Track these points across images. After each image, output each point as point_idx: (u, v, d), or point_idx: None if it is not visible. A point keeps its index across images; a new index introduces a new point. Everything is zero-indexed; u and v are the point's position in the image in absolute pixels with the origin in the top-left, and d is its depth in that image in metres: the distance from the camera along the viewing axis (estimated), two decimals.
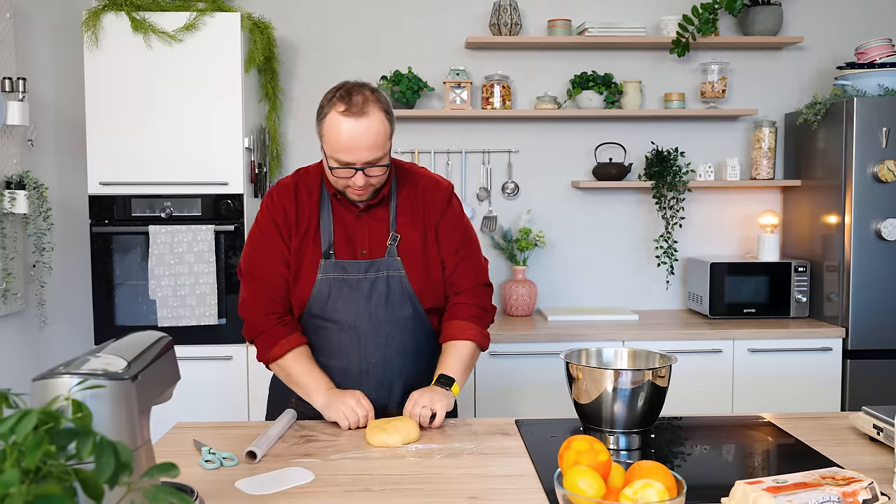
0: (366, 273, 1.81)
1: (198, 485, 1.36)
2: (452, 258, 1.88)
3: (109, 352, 1.10)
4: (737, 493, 1.21)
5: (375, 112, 1.71)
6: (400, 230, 1.85)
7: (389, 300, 1.81)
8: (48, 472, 0.77)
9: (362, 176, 1.73)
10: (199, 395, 2.93)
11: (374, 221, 1.84)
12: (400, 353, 1.84)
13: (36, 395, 0.98)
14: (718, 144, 3.62)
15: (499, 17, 3.39)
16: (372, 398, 1.80)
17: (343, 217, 1.84)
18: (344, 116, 1.69)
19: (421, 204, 1.88)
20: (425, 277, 1.85)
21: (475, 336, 1.86)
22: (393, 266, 1.82)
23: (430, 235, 1.87)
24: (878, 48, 3.22)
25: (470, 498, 1.34)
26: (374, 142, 1.70)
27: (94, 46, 2.94)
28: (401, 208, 1.86)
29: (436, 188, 1.91)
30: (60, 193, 3.07)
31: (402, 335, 1.83)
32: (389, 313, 1.82)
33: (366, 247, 1.83)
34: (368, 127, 1.69)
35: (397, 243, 1.83)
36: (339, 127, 1.70)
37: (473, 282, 1.90)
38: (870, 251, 3.08)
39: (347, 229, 1.84)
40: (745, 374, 3.09)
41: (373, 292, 1.81)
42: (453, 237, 1.89)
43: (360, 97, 1.71)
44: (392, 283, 1.82)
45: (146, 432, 1.07)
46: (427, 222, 1.87)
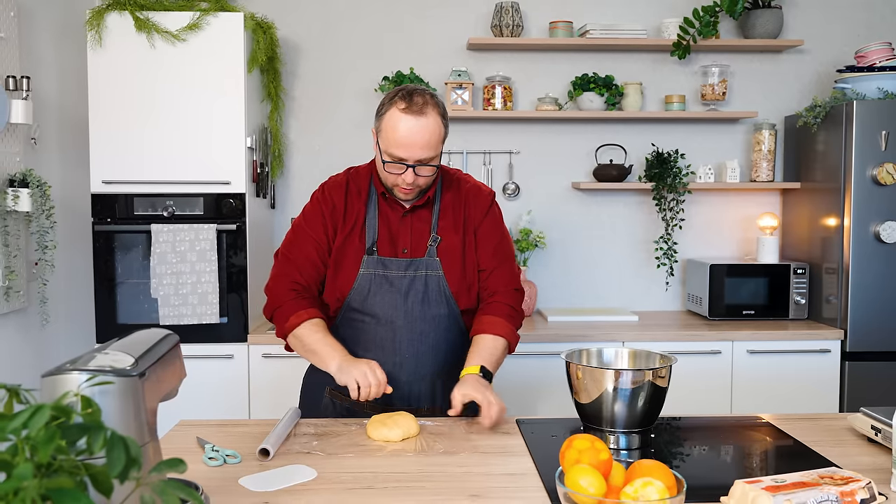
0: (405, 271, 1.87)
1: (202, 481, 1.38)
2: (490, 261, 1.93)
3: (116, 348, 1.11)
4: (736, 492, 1.23)
5: (433, 114, 1.79)
6: (441, 232, 1.91)
7: (426, 298, 1.87)
8: (59, 466, 0.78)
9: (412, 174, 1.79)
10: (200, 394, 2.94)
11: (418, 222, 1.91)
12: (433, 350, 1.89)
13: (45, 392, 0.99)
14: (718, 147, 3.64)
15: (500, 18, 3.40)
16: (403, 393, 1.86)
17: (388, 216, 1.90)
18: (404, 113, 1.76)
19: (463, 208, 1.94)
20: (462, 279, 1.90)
21: (508, 333, 1.90)
22: (432, 266, 1.87)
23: (470, 238, 1.93)
24: (877, 52, 3.24)
25: (472, 496, 1.35)
26: (429, 141, 1.78)
27: (98, 45, 2.95)
28: (443, 212, 1.92)
29: (478, 194, 1.98)
30: (63, 192, 3.09)
31: (436, 333, 1.88)
32: (425, 311, 1.87)
33: (407, 246, 1.89)
34: (426, 126, 1.77)
35: (437, 245, 1.89)
36: (397, 123, 1.77)
37: (508, 286, 1.95)
38: (868, 254, 3.10)
39: (391, 228, 1.90)
40: (744, 375, 3.11)
41: (411, 290, 1.86)
42: (491, 241, 1.95)
43: (421, 98, 1.78)
44: (430, 283, 1.87)
45: (153, 428, 1.08)
46: (468, 226, 1.93)
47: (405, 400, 1.88)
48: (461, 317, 1.92)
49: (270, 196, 3.44)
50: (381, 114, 1.82)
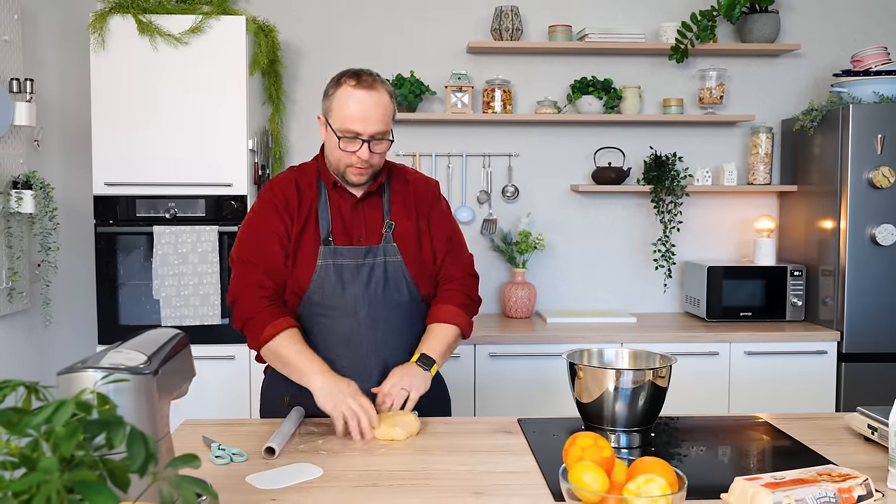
0: (364, 258, 1.86)
1: (209, 479, 1.40)
2: (443, 247, 1.96)
3: (129, 347, 1.13)
4: (736, 488, 1.25)
5: (384, 90, 1.83)
6: (394, 218, 1.92)
7: (387, 285, 1.87)
8: (80, 461, 0.80)
9: (367, 149, 1.80)
10: (202, 394, 2.95)
11: (370, 210, 1.91)
12: (400, 338, 1.89)
13: (61, 389, 1.01)
14: (716, 150, 3.67)
15: (500, 22, 3.43)
16: (372, 382, 1.84)
17: (340, 206, 1.90)
18: (356, 89, 1.80)
19: (413, 195, 1.97)
20: (420, 264, 1.92)
21: (461, 322, 1.93)
22: (390, 252, 1.88)
23: (423, 224, 1.95)
24: (873, 56, 3.27)
25: (476, 493, 1.38)
26: (384, 114, 1.80)
27: (101, 48, 2.97)
28: (394, 198, 1.94)
29: (426, 182, 2.03)
30: (66, 193, 3.10)
31: (398, 319, 1.88)
32: (388, 298, 1.87)
33: (362, 234, 1.89)
34: (379, 100, 1.80)
35: (392, 230, 1.90)
36: (349, 98, 1.79)
37: (462, 271, 1.99)
38: (864, 256, 3.13)
39: (344, 218, 1.89)
40: (742, 376, 3.13)
41: (371, 277, 1.86)
42: (444, 228, 1.98)
43: (369, 77, 1.83)
44: (389, 269, 1.87)
45: (166, 425, 1.10)
46: (419, 212, 1.95)
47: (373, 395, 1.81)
48: (422, 302, 1.93)
49: None
50: (330, 95, 1.84)
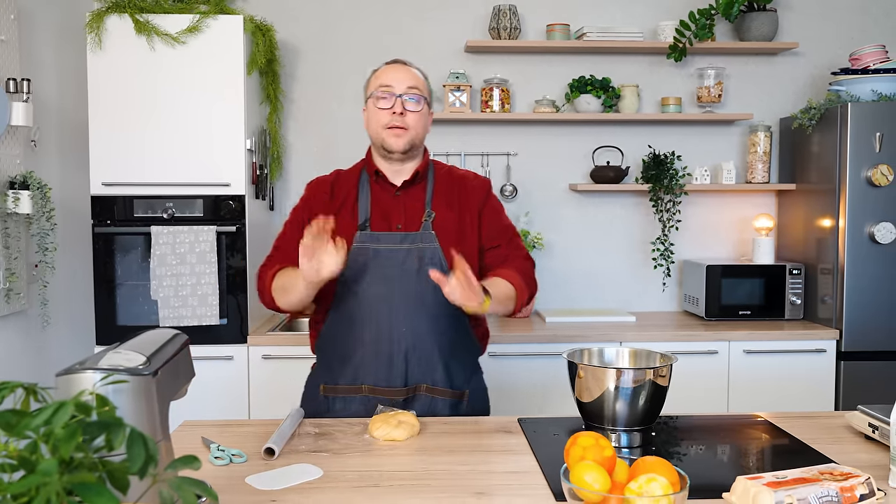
0: (400, 244, 1.89)
1: (209, 480, 1.39)
2: (499, 236, 1.99)
3: (128, 348, 1.12)
4: (738, 488, 1.25)
5: (416, 68, 2.01)
6: (435, 208, 1.94)
7: (422, 269, 1.86)
8: (79, 463, 0.80)
9: (401, 104, 1.90)
10: (200, 395, 2.93)
11: (410, 201, 1.95)
12: (431, 323, 1.88)
13: (60, 390, 1.00)
14: (714, 148, 3.67)
15: (498, 21, 3.42)
16: (402, 369, 1.87)
17: (380, 196, 1.96)
18: (389, 64, 1.99)
19: (458, 189, 1.99)
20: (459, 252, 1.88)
21: (518, 285, 1.90)
22: (427, 238, 1.90)
23: (468, 217, 1.96)
24: (871, 54, 3.27)
25: (477, 493, 1.37)
26: (415, 78, 1.95)
27: (98, 48, 2.96)
28: (436, 190, 1.97)
29: (475, 178, 2.06)
30: (63, 194, 3.09)
31: (432, 305, 1.87)
32: (421, 282, 1.86)
33: (401, 222, 1.92)
34: (408, 69, 1.98)
35: (432, 220, 1.92)
36: (382, 69, 1.98)
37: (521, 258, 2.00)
38: (863, 254, 3.13)
39: (384, 207, 1.94)
40: (741, 375, 3.13)
41: (406, 262, 1.88)
42: (498, 221, 2.01)
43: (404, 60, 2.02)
44: (425, 254, 1.88)
45: (165, 427, 1.10)
46: (465, 205, 1.97)
47: (404, 378, 1.87)
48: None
49: (269, 198, 3.45)
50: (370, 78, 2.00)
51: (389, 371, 1.87)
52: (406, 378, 1.88)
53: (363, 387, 1.89)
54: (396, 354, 1.87)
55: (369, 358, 1.88)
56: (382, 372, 1.88)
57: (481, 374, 2.08)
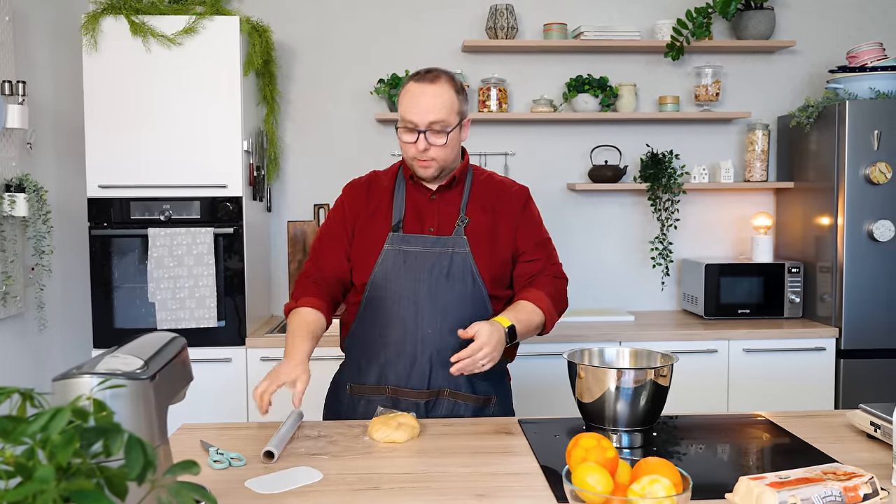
0: (431, 247, 1.88)
1: (208, 484, 1.38)
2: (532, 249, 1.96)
3: (125, 352, 1.11)
4: (741, 488, 1.24)
5: (445, 84, 1.86)
6: (470, 214, 1.93)
7: (451, 274, 1.86)
8: (77, 469, 0.79)
9: (423, 140, 1.83)
10: (198, 398, 2.91)
11: (445, 205, 1.94)
12: (457, 326, 1.82)
13: (57, 395, 0.99)
14: (712, 147, 3.66)
15: (495, 20, 3.42)
16: (425, 371, 1.87)
17: (415, 198, 1.94)
18: (416, 82, 1.86)
19: (494, 196, 1.97)
20: (491, 260, 1.90)
21: (546, 309, 1.89)
22: (459, 244, 1.89)
23: (504, 226, 1.94)
24: (869, 52, 3.27)
25: (478, 496, 1.36)
26: (439, 105, 1.83)
27: (93, 49, 2.95)
28: (473, 196, 1.95)
29: (512, 185, 2.02)
30: (59, 196, 3.08)
31: (460, 309, 1.86)
32: (450, 287, 1.86)
33: (434, 226, 1.91)
34: (435, 91, 1.84)
35: (466, 225, 1.91)
36: (408, 90, 1.87)
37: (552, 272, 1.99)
38: (862, 252, 3.12)
39: (419, 209, 1.93)
40: (740, 374, 3.13)
41: (435, 265, 1.87)
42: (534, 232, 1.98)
43: (436, 71, 1.88)
44: (455, 259, 1.87)
45: (164, 431, 1.09)
46: (500, 213, 1.95)
47: (426, 380, 1.86)
48: (489, 300, 1.90)
49: (267, 199, 3.44)
50: (399, 93, 1.90)
51: (413, 372, 1.87)
52: (429, 381, 1.88)
53: (387, 387, 1.90)
54: (420, 356, 1.87)
55: (393, 358, 1.88)
56: (406, 373, 1.88)
57: (508, 381, 2.06)
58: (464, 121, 1.90)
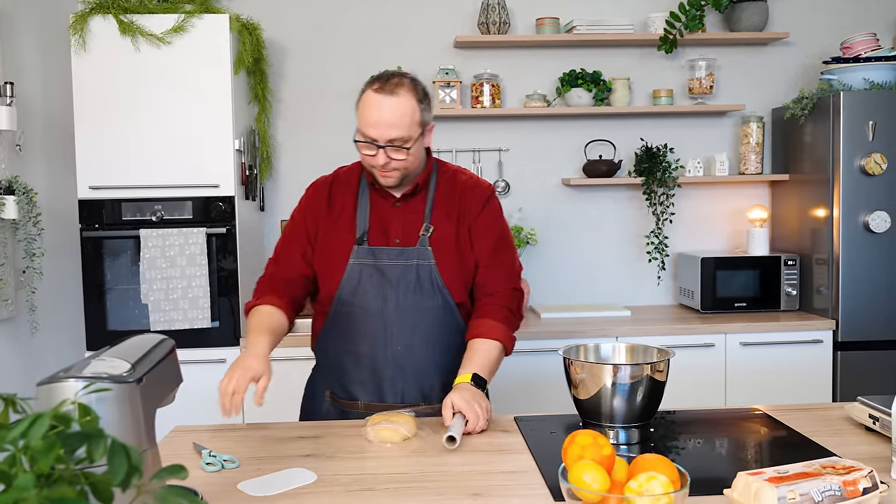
0: (396, 260, 1.84)
1: (201, 487, 1.36)
2: (486, 258, 1.89)
3: (112, 355, 1.09)
4: (739, 484, 1.22)
5: (407, 95, 1.76)
6: (434, 222, 1.87)
7: (418, 288, 1.83)
8: (59, 476, 0.77)
9: (384, 155, 1.76)
10: (192, 399, 2.91)
11: (409, 213, 1.88)
12: (425, 343, 1.84)
13: (41, 400, 0.97)
14: (707, 140, 3.65)
15: (487, 15, 3.40)
16: (398, 387, 1.84)
17: (379, 206, 1.89)
18: (375, 93, 1.76)
19: (458, 200, 1.90)
20: (458, 270, 1.86)
21: (504, 337, 1.84)
22: (423, 255, 1.84)
23: (464, 232, 1.88)
24: (863, 42, 3.26)
25: (473, 495, 1.35)
26: (399, 120, 1.74)
27: (82, 50, 2.92)
28: (437, 203, 1.89)
29: (475, 187, 1.93)
30: (50, 198, 3.05)
31: (428, 325, 1.84)
32: (417, 301, 1.83)
33: (399, 236, 1.86)
34: (396, 105, 1.74)
35: (430, 234, 1.86)
36: (368, 102, 1.77)
37: (505, 284, 1.89)
38: (858, 244, 3.11)
39: (383, 219, 1.87)
40: (738, 367, 3.12)
41: (402, 280, 1.83)
42: (489, 238, 1.89)
43: (396, 80, 1.78)
44: (422, 272, 1.83)
45: (151, 435, 1.07)
46: (462, 218, 1.89)
47: (399, 395, 1.84)
48: (457, 310, 1.87)
49: (259, 198, 3.42)
50: (359, 98, 1.81)
51: (384, 390, 1.85)
52: (402, 396, 1.85)
53: (359, 403, 1.87)
54: (391, 373, 1.84)
55: (365, 376, 1.85)
56: (377, 391, 1.85)
57: None
58: (426, 128, 1.82)
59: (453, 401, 1.67)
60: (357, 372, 1.86)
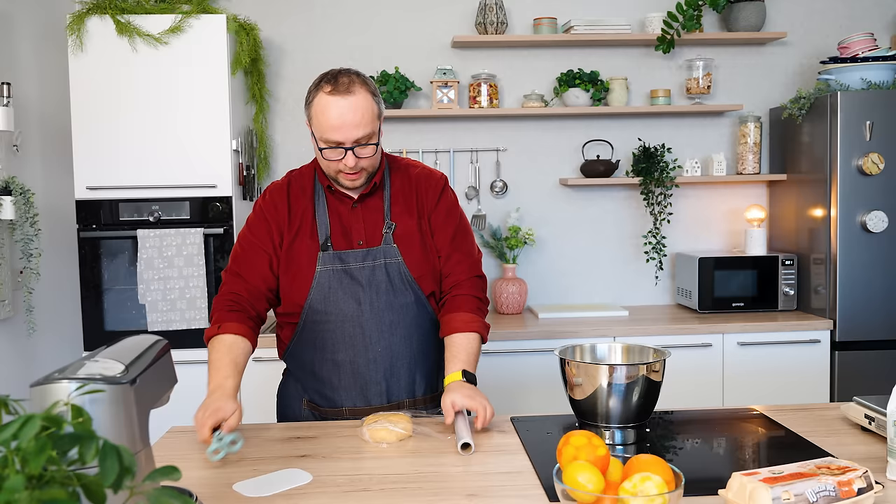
0: (363, 261, 1.82)
1: (195, 488, 1.36)
2: (447, 248, 1.89)
3: (106, 356, 1.09)
4: (734, 484, 1.22)
5: (362, 91, 1.73)
6: (395, 219, 1.86)
7: (390, 287, 1.82)
8: (51, 477, 0.77)
9: (353, 156, 1.74)
10: (190, 400, 2.90)
11: (369, 212, 1.86)
12: (405, 340, 1.84)
13: (34, 401, 0.97)
14: (704, 140, 3.65)
15: (485, 15, 3.40)
16: (382, 388, 1.84)
17: (338, 210, 1.86)
18: (331, 96, 1.72)
19: (414, 193, 1.89)
20: (424, 262, 1.86)
21: (480, 327, 1.85)
22: (390, 253, 1.83)
23: (425, 224, 1.88)
24: (860, 42, 3.26)
25: (469, 496, 1.34)
26: (362, 119, 1.72)
27: (79, 50, 2.92)
28: (394, 198, 1.88)
29: (429, 178, 1.92)
30: (47, 199, 3.05)
31: (405, 321, 1.83)
32: (391, 300, 1.82)
33: (362, 237, 1.84)
34: (355, 104, 1.71)
35: (393, 231, 1.85)
36: (326, 106, 1.72)
37: (469, 273, 1.90)
38: (855, 243, 3.11)
39: (343, 222, 1.85)
40: (735, 367, 3.12)
41: (372, 280, 1.81)
42: (447, 228, 1.90)
43: (346, 78, 1.74)
44: (391, 270, 1.82)
45: (145, 436, 1.07)
46: (421, 211, 1.88)
47: (385, 396, 1.84)
48: (428, 302, 1.87)
49: None
50: (310, 102, 1.76)
51: (370, 393, 1.84)
52: (388, 396, 1.85)
53: (344, 409, 1.86)
54: (375, 375, 1.83)
55: (347, 382, 1.83)
56: (362, 395, 1.84)
57: None
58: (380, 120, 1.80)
59: (454, 400, 1.66)
60: (338, 379, 1.84)
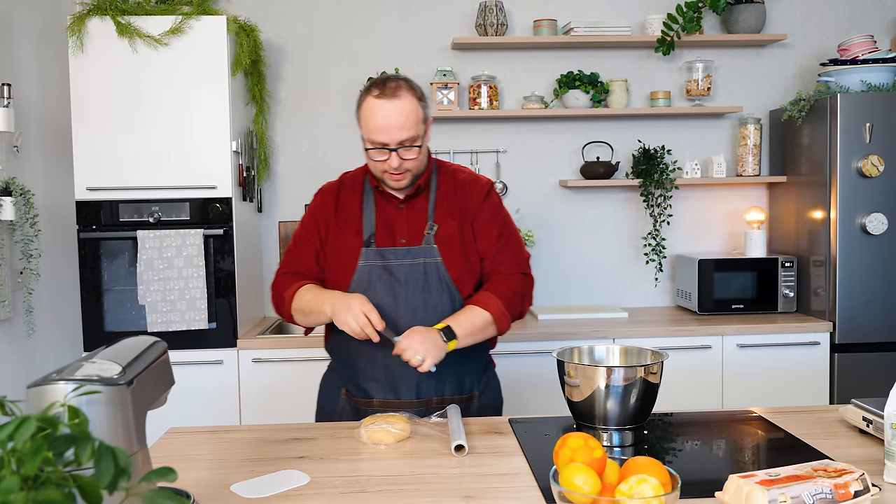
0: (403, 259, 1.88)
1: (193, 489, 1.36)
2: (492, 248, 1.94)
3: (103, 357, 1.09)
4: (730, 487, 1.22)
5: (408, 96, 1.83)
6: (438, 220, 1.92)
7: (427, 286, 1.87)
8: (47, 478, 0.77)
9: (397, 157, 1.82)
10: (189, 401, 2.92)
11: (413, 213, 1.93)
12: None
13: (31, 402, 0.97)
14: (704, 142, 3.65)
15: (485, 17, 3.40)
16: (410, 385, 1.88)
17: (384, 209, 1.94)
18: (378, 99, 1.81)
19: (459, 197, 1.95)
20: (463, 265, 1.90)
21: (497, 312, 1.86)
22: (430, 253, 1.88)
23: (467, 228, 1.93)
24: (860, 44, 3.26)
25: (466, 497, 1.35)
26: (406, 121, 1.80)
27: (80, 51, 2.93)
28: (439, 200, 1.95)
29: (474, 183, 1.99)
30: (47, 199, 3.05)
31: (438, 320, 1.84)
32: (426, 299, 1.87)
33: (405, 236, 1.91)
34: (400, 107, 1.80)
35: (435, 232, 1.90)
36: (372, 109, 1.81)
37: (513, 269, 1.95)
38: (855, 246, 3.11)
39: (388, 220, 1.93)
40: (735, 369, 3.12)
41: (410, 278, 1.87)
42: (492, 229, 1.95)
43: (394, 83, 1.83)
44: (429, 270, 1.87)
45: (142, 437, 1.07)
46: (465, 214, 1.94)
47: (413, 392, 1.88)
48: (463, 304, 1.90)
49: (257, 200, 3.42)
50: (359, 105, 1.86)
51: (400, 387, 1.88)
52: (417, 391, 1.89)
53: (375, 401, 1.90)
54: (406, 371, 1.85)
55: (379, 375, 1.89)
56: (393, 388, 1.89)
57: (493, 369, 2.08)
58: (428, 124, 1.89)
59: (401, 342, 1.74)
60: (371, 371, 1.90)
